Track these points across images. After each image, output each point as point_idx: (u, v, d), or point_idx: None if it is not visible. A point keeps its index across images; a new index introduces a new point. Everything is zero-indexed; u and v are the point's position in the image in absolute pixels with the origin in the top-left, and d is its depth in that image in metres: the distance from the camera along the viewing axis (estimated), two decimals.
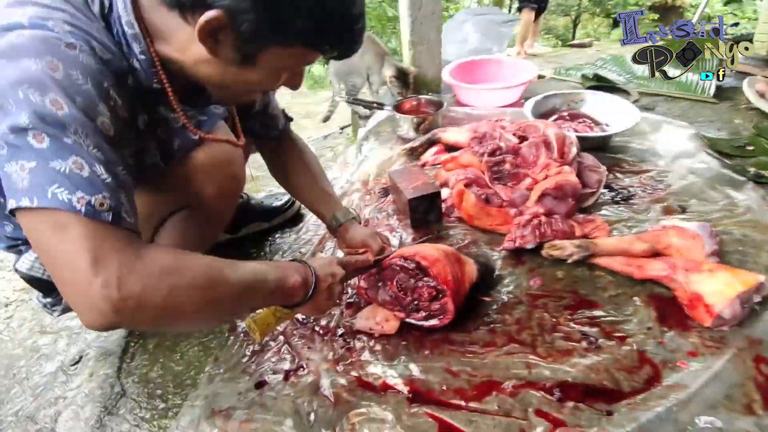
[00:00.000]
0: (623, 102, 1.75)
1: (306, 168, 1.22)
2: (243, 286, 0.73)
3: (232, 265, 0.73)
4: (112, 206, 0.62)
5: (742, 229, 1.23)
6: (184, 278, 0.64)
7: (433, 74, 2.19)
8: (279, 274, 0.79)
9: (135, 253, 0.61)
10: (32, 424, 1.05)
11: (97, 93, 0.65)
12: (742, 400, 0.83)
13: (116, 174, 0.65)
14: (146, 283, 0.60)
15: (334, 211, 1.19)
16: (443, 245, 1.13)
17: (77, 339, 1.25)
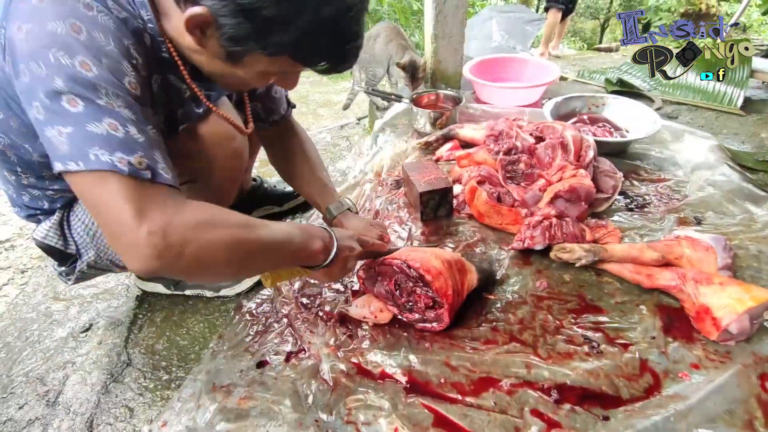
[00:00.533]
0: (645, 108, 1.71)
1: (304, 157, 1.21)
2: (272, 243, 0.78)
3: (265, 225, 0.78)
4: (150, 164, 0.65)
5: (758, 244, 1.20)
6: (220, 232, 0.69)
7: (454, 69, 2.18)
8: (305, 237, 0.84)
9: (175, 207, 0.66)
10: (41, 385, 1.08)
11: (120, 52, 0.67)
12: (743, 416, 0.82)
13: (147, 132, 0.68)
14: (186, 235, 0.65)
15: (329, 203, 1.19)
16: (449, 253, 1.09)
17: (88, 307, 1.29)
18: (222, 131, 0.95)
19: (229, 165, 0.99)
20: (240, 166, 1.05)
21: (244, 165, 1.06)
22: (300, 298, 1.18)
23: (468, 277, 1.08)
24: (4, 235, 1.75)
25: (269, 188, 1.53)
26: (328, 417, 0.88)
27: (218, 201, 1.06)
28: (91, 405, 1.01)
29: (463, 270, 1.07)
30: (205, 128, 0.93)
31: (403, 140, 1.89)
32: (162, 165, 0.68)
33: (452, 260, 1.06)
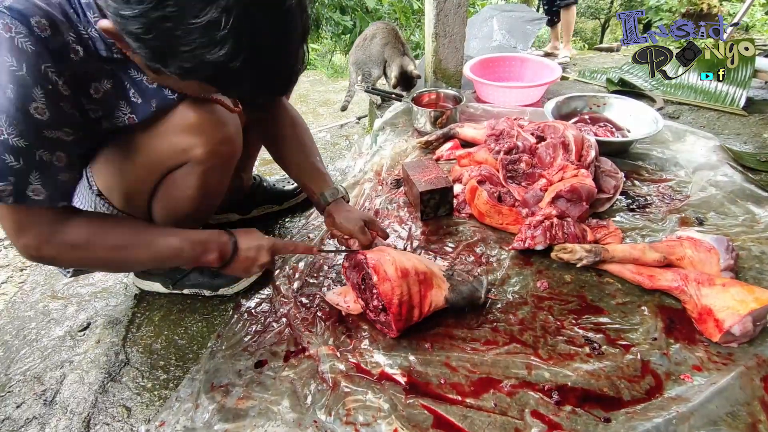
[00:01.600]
0: (647, 108, 1.71)
1: (297, 141, 1.17)
2: (151, 260, 0.89)
3: (147, 244, 0.86)
4: (16, 190, 0.72)
5: (761, 245, 1.19)
6: (92, 253, 0.82)
7: (455, 68, 2.17)
8: (197, 251, 0.91)
9: (52, 227, 0.77)
10: (39, 384, 1.08)
11: (31, 78, 0.67)
12: (746, 419, 0.81)
13: (31, 158, 0.71)
14: (59, 253, 0.80)
15: (323, 188, 1.16)
16: (420, 262, 1.03)
17: (86, 306, 1.28)
18: (208, 118, 0.90)
19: (219, 151, 0.94)
20: (233, 153, 0.99)
21: (238, 151, 1.00)
22: (299, 297, 1.17)
23: (431, 292, 1.02)
24: (2, 232, 1.74)
25: (268, 187, 1.52)
26: (326, 418, 0.87)
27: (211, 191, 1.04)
28: (89, 404, 1.00)
29: (426, 283, 1.01)
30: (192, 111, 0.88)
31: (403, 139, 1.88)
32: (34, 186, 0.73)
33: (416, 270, 1.00)
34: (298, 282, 1.22)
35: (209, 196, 1.03)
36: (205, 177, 0.96)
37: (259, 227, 1.48)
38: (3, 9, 0.66)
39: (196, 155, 0.92)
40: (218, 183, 1.03)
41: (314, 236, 1.40)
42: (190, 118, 0.88)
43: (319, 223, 1.46)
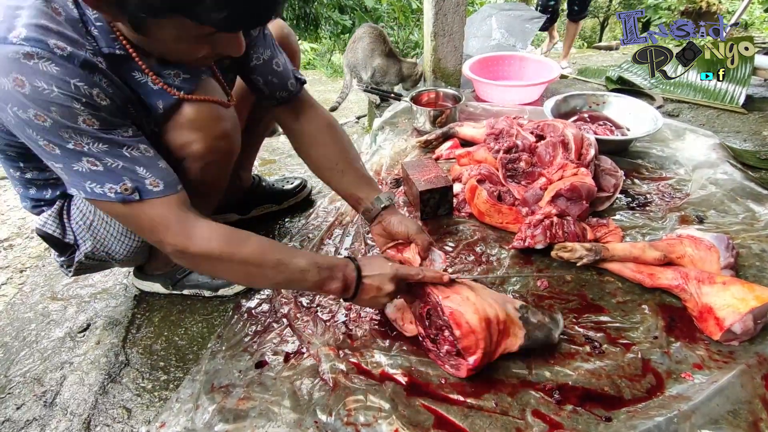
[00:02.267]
0: (646, 107, 1.70)
1: (337, 145, 1.08)
2: (278, 282, 0.88)
3: (277, 263, 0.84)
4: (136, 186, 0.76)
5: (761, 243, 1.19)
6: (227, 267, 0.83)
7: (454, 67, 2.17)
8: (322, 276, 0.86)
9: (185, 232, 0.79)
10: (38, 386, 1.07)
11: (67, 95, 0.68)
12: (748, 417, 0.81)
13: (123, 156, 0.75)
14: (198, 264, 0.84)
15: (374, 193, 1.07)
16: (499, 305, 0.93)
17: (86, 307, 1.28)
18: (207, 111, 0.90)
19: (217, 147, 0.93)
20: (230, 149, 0.98)
21: (235, 147, 0.99)
22: (299, 297, 1.17)
23: (508, 341, 0.93)
24: (3, 234, 1.74)
25: (268, 186, 1.52)
26: (327, 418, 0.87)
27: (210, 189, 1.03)
28: (89, 406, 1.00)
29: (505, 332, 0.92)
30: (189, 109, 0.87)
31: (403, 139, 1.88)
32: (151, 179, 0.77)
33: (496, 319, 0.90)
34: None
35: (207, 193, 1.03)
36: (203, 173, 0.95)
37: (259, 227, 1.49)
38: (21, 42, 0.66)
39: (194, 151, 0.91)
40: (216, 179, 1.02)
41: (314, 236, 1.40)
42: (188, 114, 0.88)
43: (318, 223, 1.46)
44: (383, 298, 0.92)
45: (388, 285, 0.90)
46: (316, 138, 1.09)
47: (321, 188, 1.69)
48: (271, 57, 1.02)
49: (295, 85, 1.07)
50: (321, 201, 1.56)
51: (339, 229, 1.40)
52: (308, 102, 1.11)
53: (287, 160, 1.93)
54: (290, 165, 1.89)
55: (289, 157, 1.96)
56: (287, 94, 1.07)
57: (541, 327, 0.95)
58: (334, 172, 1.09)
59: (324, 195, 1.61)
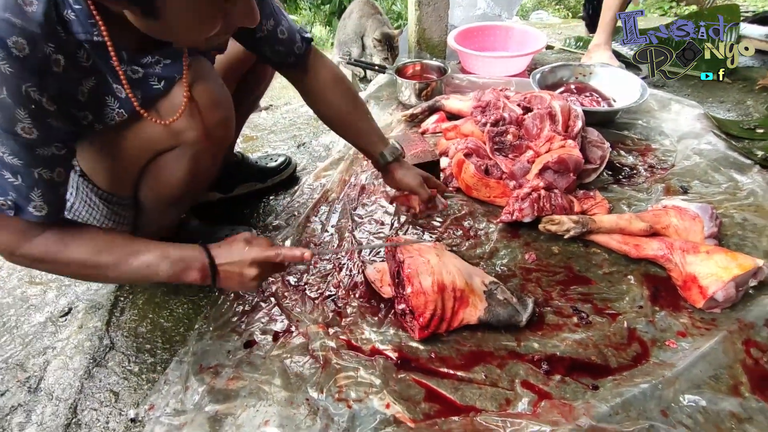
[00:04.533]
0: (632, 77, 1.69)
1: (345, 99, 1.10)
2: (125, 279, 0.88)
3: (116, 262, 0.79)
4: (16, 205, 0.72)
5: (743, 212, 1.21)
6: (58, 267, 0.81)
7: (439, 38, 2.11)
8: (175, 269, 0.81)
9: (24, 238, 0.76)
10: (21, 371, 1.05)
11: (13, 100, 0.64)
12: (728, 381, 0.84)
13: (30, 176, 0.71)
14: (28, 263, 0.80)
15: (381, 148, 1.12)
16: (460, 270, 0.96)
17: (66, 291, 1.24)
18: (204, 99, 0.86)
19: (214, 134, 0.90)
20: (227, 135, 0.96)
21: (231, 133, 0.97)
22: (286, 276, 1.15)
23: (466, 311, 0.95)
24: None
25: (251, 164, 1.48)
26: (319, 395, 0.87)
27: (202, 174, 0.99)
28: (74, 390, 0.98)
29: (463, 301, 0.95)
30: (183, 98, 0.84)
31: (388, 113, 1.84)
32: (38, 203, 0.73)
33: (453, 286, 0.93)
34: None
35: (199, 180, 0.99)
36: (196, 160, 0.92)
37: (243, 205, 1.46)
38: None
39: (188, 138, 0.87)
40: (209, 166, 0.99)
41: (300, 213, 1.38)
42: (183, 100, 0.83)
43: (304, 200, 1.44)
44: (251, 282, 0.87)
45: (250, 270, 0.85)
46: (323, 93, 1.10)
47: (305, 165, 1.65)
48: (275, 26, 0.98)
49: (301, 47, 1.04)
50: (306, 178, 1.53)
51: (325, 206, 1.38)
52: (314, 57, 1.08)
53: (270, 137, 1.88)
54: (273, 141, 1.85)
55: (272, 133, 1.91)
56: (294, 59, 1.04)
57: (504, 305, 0.95)
58: (341, 124, 1.13)
59: (309, 172, 1.58)
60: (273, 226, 1.35)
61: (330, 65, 1.10)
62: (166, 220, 1.11)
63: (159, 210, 1.04)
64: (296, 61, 1.05)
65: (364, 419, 0.83)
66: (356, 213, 1.33)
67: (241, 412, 0.85)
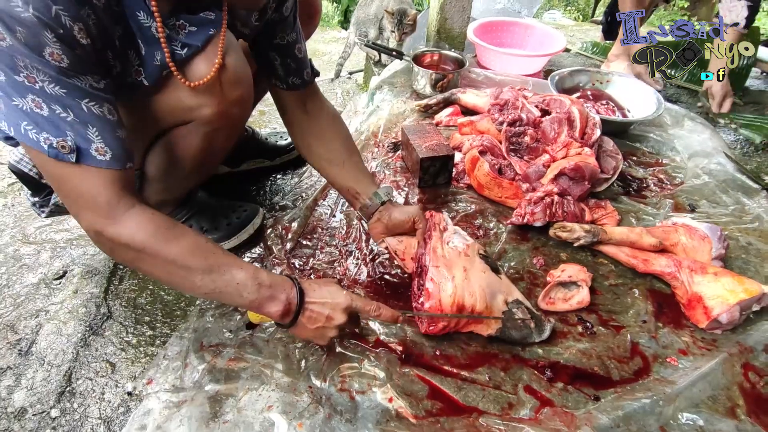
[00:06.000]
0: (648, 89, 1.69)
1: (335, 137, 1.06)
2: (207, 292, 0.74)
3: (207, 269, 0.72)
4: (77, 146, 0.65)
5: (748, 236, 1.22)
6: (145, 262, 0.71)
7: (460, 29, 2.07)
8: (261, 296, 0.75)
9: (111, 216, 0.68)
10: (12, 333, 1.02)
11: (39, 20, 0.58)
12: (726, 403, 0.85)
13: (79, 109, 0.64)
14: (113, 248, 0.72)
15: (373, 188, 1.05)
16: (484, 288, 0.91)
17: (61, 253, 1.21)
18: (224, 76, 0.82)
19: (231, 113, 0.87)
20: (243, 115, 0.92)
21: (248, 112, 0.93)
22: (291, 259, 1.13)
23: (479, 327, 0.93)
24: None
25: (261, 140, 1.45)
26: (321, 383, 0.86)
27: (214, 153, 0.97)
28: (69, 357, 0.96)
29: (477, 322, 0.93)
30: (201, 72, 0.79)
31: (402, 101, 1.81)
32: (99, 145, 0.66)
33: (471, 307, 0.90)
34: (290, 243, 1.18)
35: (212, 157, 0.96)
36: (209, 138, 0.88)
37: (250, 182, 1.43)
38: None
39: (203, 115, 0.83)
40: (223, 144, 0.95)
41: (307, 196, 1.35)
42: (201, 72, 0.78)
43: (312, 183, 1.41)
44: (332, 330, 0.80)
45: (340, 316, 0.79)
46: (320, 132, 1.06)
47: None
48: (294, 41, 0.97)
49: (309, 75, 1.03)
50: None
51: (333, 191, 1.36)
52: (316, 94, 1.07)
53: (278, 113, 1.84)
54: None
55: None
56: (300, 82, 1.02)
57: (519, 328, 0.93)
58: (333, 165, 1.06)
59: None
60: (280, 206, 1.32)
61: (328, 105, 1.09)
62: (172, 194, 1.08)
63: (167, 184, 1.01)
64: (299, 86, 1.02)
65: (366, 411, 0.83)
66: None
67: (242, 395, 0.84)
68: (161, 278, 0.75)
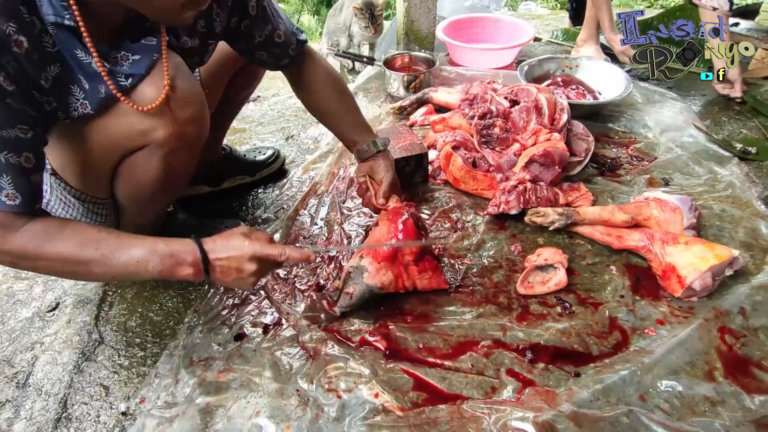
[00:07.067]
0: (617, 70, 1.72)
1: (331, 93, 1.14)
2: (111, 277, 0.82)
3: (103, 258, 0.76)
4: None
5: (721, 203, 1.25)
6: (41, 264, 0.77)
7: (428, 29, 2.11)
8: (165, 265, 0.79)
9: (4, 233, 0.73)
10: (9, 367, 1.05)
11: None
12: (704, 367, 0.87)
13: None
14: (10, 261, 0.77)
15: (372, 137, 1.16)
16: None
17: (53, 285, 1.24)
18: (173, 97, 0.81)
19: (185, 132, 0.86)
20: (199, 133, 0.91)
21: (205, 131, 0.92)
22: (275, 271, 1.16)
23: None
24: None
25: (240, 157, 1.48)
26: (309, 386, 0.89)
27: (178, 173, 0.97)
28: (64, 385, 0.98)
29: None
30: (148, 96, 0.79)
31: (377, 105, 1.84)
32: (10, 191, 0.71)
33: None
34: None
35: (175, 178, 0.97)
36: (168, 160, 0.88)
37: (231, 199, 1.46)
38: None
39: (157, 138, 0.84)
40: (184, 165, 0.96)
41: (288, 207, 1.38)
42: (149, 97, 0.79)
43: (293, 193, 1.44)
44: (248, 278, 0.83)
45: (249, 265, 0.82)
46: (315, 87, 1.13)
47: (294, 158, 1.65)
48: (272, 31, 1.01)
49: (296, 49, 1.08)
50: (294, 171, 1.53)
51: (314, 199, 1.39)
52: (308, 56, 1.12)
53: (258, 129, 1.88)
54: (261, 134, 1.84)
55: (260, 125, 1.90)
56: (289, 60, 1.09)
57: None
58: (332, 117, 1.17)
59: (297, 165, 1.58)
60: (262, 219, 1.35)
61: (322, 63, 1.14)
62: (148, 218, 1.10)
63: (138, 209, 1.04)
64: (289, 64, 1.09)
65: (353, 408, 0.85)
66: (345, 206, 1.34)
67: (232, 404, 0.87)
68: (65, 275, 0.82)
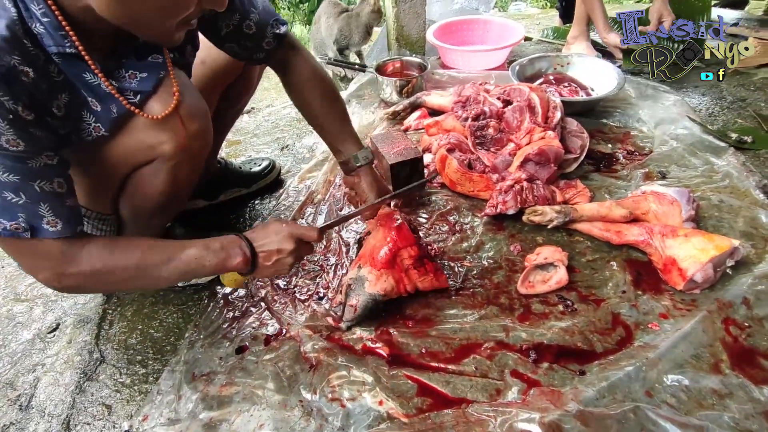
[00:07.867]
0: (609, 66, 1.72)
1: (315, 95, 1.09)
2: (176, 276, 0.85)
3: (167, 259, 0.82)
4: (30, 225, 0.72)
5: (719, 194, 1.24)
6: (114, 277, 0.80)
7: (418, 34, 2.12)
8: (220, 257, 0.85)
9: (66, 259, 0.76)
10: (11, 390, 1.04)
11: None
12: (709, 359, 0.86)
13: (33, 190, 0.71)
14: (81, 282, 0.80)
15: (355, 150, 1.11)
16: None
17: (53, 306, 1.23)
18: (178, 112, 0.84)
19: (191, 146, 0.88)
20: (204, 145, 0.94)
21: (209, 143, 0.95)
22: (275, 280, 1.16)
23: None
24: None
25: (236, 169, 1.48)
26: (312, 396, 0.88)
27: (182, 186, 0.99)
28: (66, 405, 0.98)
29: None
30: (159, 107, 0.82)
31: (370, 111, 1.85)
32: (50, 218, 0.73)
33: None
34: None
35: (179, 191, 0.99)
36: (174, 173, 0.91)
37: (229, 211, 1.46)
38: None
39: (164, 152, 0.86)
40: (188, 177, 0.98)
41: (286, 217, 1.38)
42: (157, 112, 0.82)
43: (290, 204, 1.44)
44: (287, 258, 0.90)
45: (288, 243, 0.89)
46: (300, 90, 1.10)
47: (290, 167, 1.65)
48: (241, 20, 0.95)
49: (271, 43, 1.02)
50: (291, 180, 1.53)
51: (311, 208, 1.38)
52: (292, 52, 1.06)
53: (253, 140, 1.88)
54: (256, 145, 1.84)
55: (255, 136, 1.90)
56: (264, 54, 1.03)
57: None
58: (317, 122, 1.13)
59: (293, 174, 1.58)
60: None
61: (309, 61, 1.09)
62: (150, 232, 1.10)
63: (141, 223, 1.03)
64: (266, 57, 1.04)
65: (358, 417, 0.84)
66: (342, 213, 1.34)
67: (235, 418, 0.86)
68: (134, 285, 0.84)
